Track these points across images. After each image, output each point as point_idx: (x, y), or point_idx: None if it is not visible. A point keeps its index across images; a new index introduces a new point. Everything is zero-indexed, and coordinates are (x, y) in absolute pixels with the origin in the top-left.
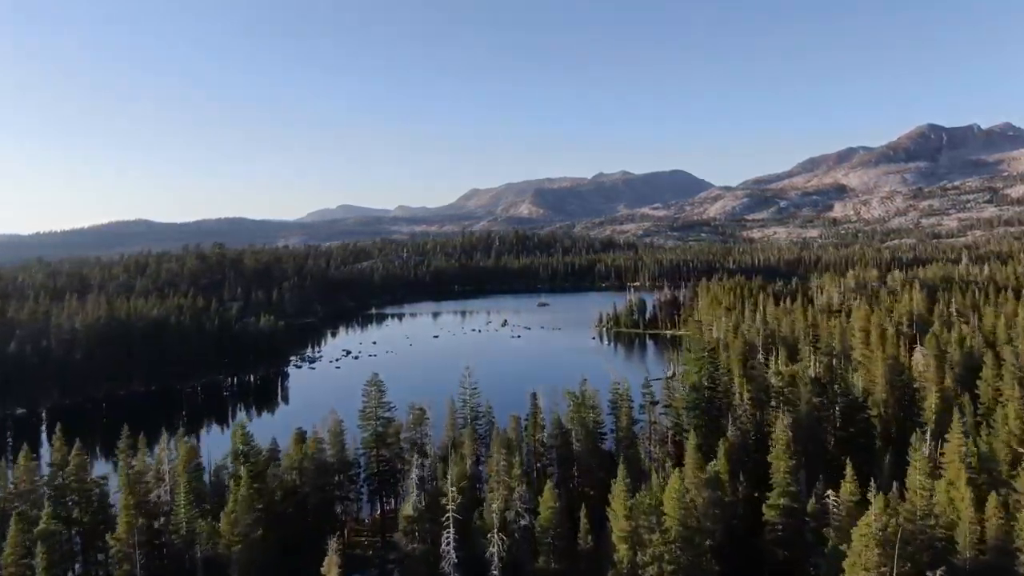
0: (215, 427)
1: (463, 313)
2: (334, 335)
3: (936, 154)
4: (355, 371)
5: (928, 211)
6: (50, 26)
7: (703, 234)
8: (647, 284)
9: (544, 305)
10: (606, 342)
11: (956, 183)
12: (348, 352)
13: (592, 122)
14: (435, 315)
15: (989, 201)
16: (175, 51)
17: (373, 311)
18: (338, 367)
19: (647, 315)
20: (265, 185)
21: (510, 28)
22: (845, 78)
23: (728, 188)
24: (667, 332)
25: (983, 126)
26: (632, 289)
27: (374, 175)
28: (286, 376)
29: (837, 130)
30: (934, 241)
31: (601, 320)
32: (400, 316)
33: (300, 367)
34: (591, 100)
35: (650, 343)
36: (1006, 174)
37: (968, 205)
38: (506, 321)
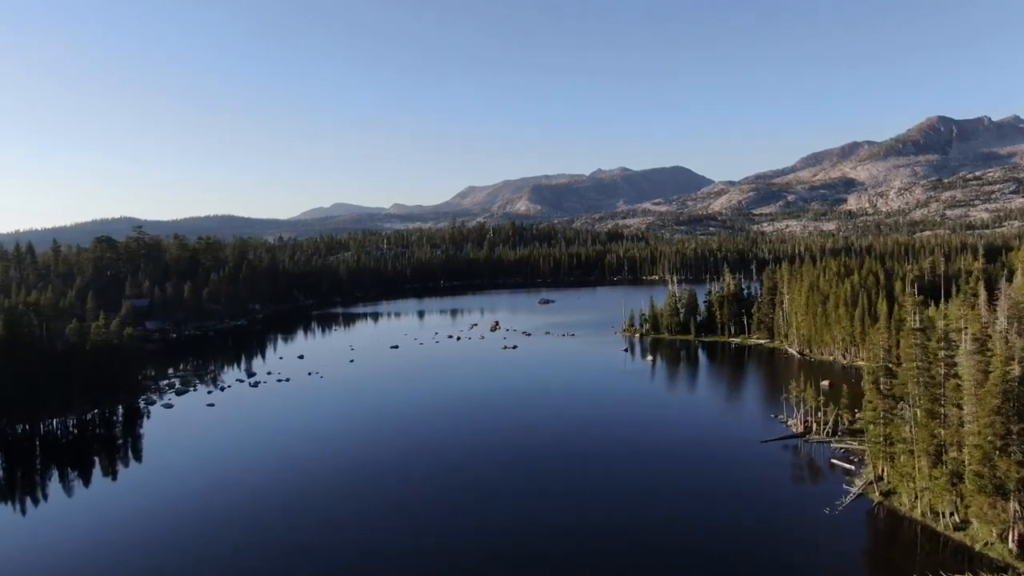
0: None
1: (451, 312)
2: (261, 344)
3: (946, 147)
4: (236, 412)
5: (951, 202)
6: (34, 23)
7: (711, 228)
8: (666, 277)
9: (547, 303)
10: (648, 356)
11: (977, 173)
12: (251, 375)
13: (590, 119)
14: (410, 315)
15: (1015, 191)
16: (164, 49)
17: (339, 310)
18: (211, 404)
19: (698, 315)
20: (259, 185)
21: (505, 26)
22: (845, 73)
23: (732, 183)
24: (732, 340)
25: (993, 118)
26: (675, 282)
27: (369, 174)
28: (136, 417)
29: (837, 126)
30: (973, 232)
31: (633, 322)
32: (369, 316)
33: (154, 403)
34: (588, 97)
35: (704, 355)
36: None
37: (994, 196)
38: (497, 323)
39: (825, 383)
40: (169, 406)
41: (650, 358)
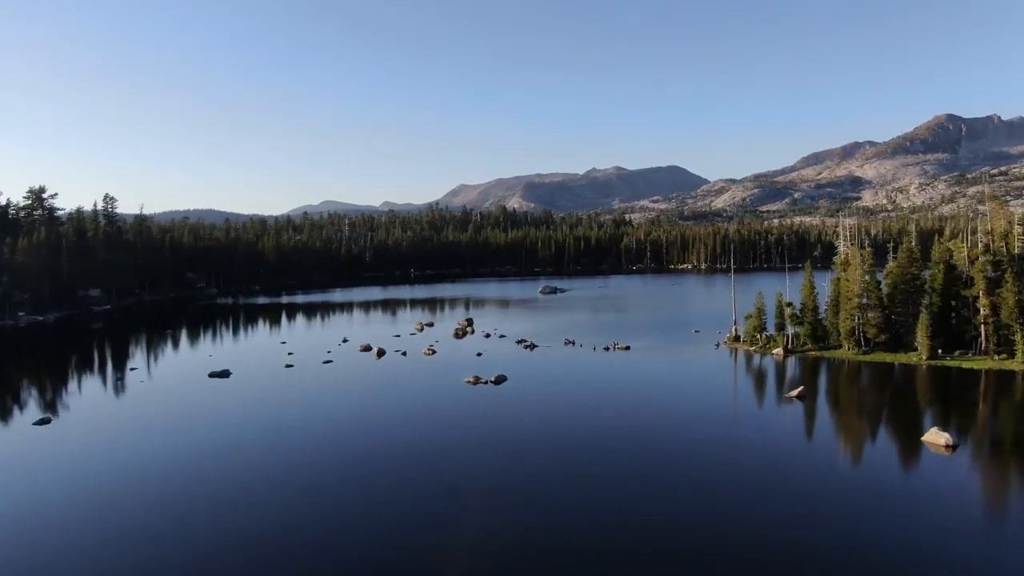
0: None
1: (423, 305)
2: (14, 358)
3: (956, 145)
4: None
5: (981, 198)
6: (33, 18)
7: (718, 223)
8: (702, 268)
9: (553, 292)
10: (945, 436)
11: (1002, 168)
12: None
13: (585, 118)
14: (341, 309)
15: None
16: (151, 43)
17: (261, 300)
18: None
19: (922, 308)
20: (253, 183)
21: (500, 24)
22: (844, 73)
23: (733, 181)
24: None
25: (1003, 117)
26: (843, 235)
27: (362, 172)
28: None
29: (837, 126)
30: None
31: (763, 325)
32: (272, 310)
33: None
34: (583, 95)
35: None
36: None
37: None
38: (470, 323)
39: None
40: None
41: (946, 440)
